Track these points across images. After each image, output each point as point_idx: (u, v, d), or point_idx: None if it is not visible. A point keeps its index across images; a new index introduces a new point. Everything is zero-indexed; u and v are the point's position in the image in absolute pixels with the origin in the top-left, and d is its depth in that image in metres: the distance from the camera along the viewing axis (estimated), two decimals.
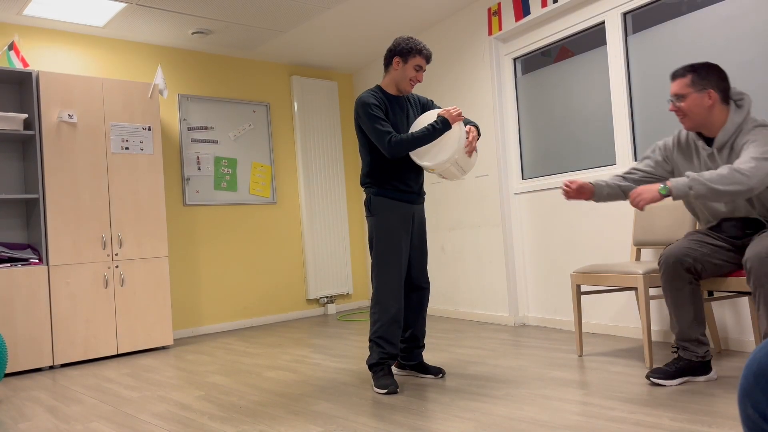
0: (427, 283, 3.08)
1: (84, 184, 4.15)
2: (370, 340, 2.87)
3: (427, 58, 2.92)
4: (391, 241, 2.85)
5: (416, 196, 2.96)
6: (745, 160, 2.36)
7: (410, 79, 2.91)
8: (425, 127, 2.79)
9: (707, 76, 2.53)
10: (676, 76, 2.60)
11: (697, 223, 3.10)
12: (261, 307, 5.48)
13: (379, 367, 2.85)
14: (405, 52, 2.88)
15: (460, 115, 2.82)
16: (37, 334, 3.90)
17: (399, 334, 2.87)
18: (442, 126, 2.80)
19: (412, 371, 3.08)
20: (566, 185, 2.75)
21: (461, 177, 2.92)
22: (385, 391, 2.74)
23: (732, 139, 2.52)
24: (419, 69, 2.91)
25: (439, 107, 3.12)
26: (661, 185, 2.40)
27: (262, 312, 5.48)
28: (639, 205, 2.43)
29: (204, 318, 5.14)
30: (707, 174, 2.35)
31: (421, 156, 2.86)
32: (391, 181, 2.89)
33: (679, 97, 2.57)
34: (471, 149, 2.84)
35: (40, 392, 3.28)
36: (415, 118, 3.02)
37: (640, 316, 3.43)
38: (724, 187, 2.32)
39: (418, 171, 2.98)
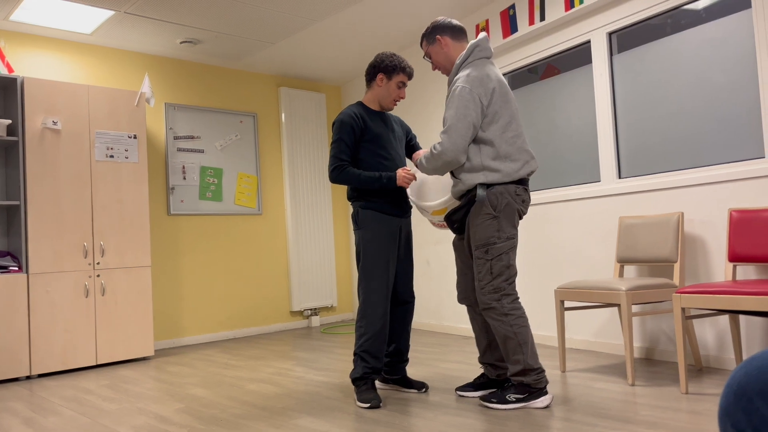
0: (413, 296, 3.08)
1: (67, 192, 4.11)
2: (355, 354, 2.86)
3: (410, 76, 2.97)
4: (378, 255, 2.85)
5: (403, 209, 2.97)
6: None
7: (394, 99, 2.96)
8: (373, 175, 2.83)
9: (432, 28, 2.78)
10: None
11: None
12: (244, 319, 5.44)
13: (362, 381, 2.83)
14: (389, 69, 2.91)
15: (409, 182, 2.85)
16: (15, 343, 3.83)
17: (384, 348, 2.86)
18: (386, 182, 2.83)
19: (395, 385, 3.07)
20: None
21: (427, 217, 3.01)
22: (368, 405, 2.73)
23: (450, 79, 2.74)
24: (402, 86, 2.95)
25: (414, 135, 3.22)
26: None
27: (245, 324, 5.44)
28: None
29: (186, 329, 5.09)
30: (429, 153, 2.68)
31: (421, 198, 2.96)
32: (378, 194, 2.90)
33: (426, 57, 2.85)
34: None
35: (17, 403, 3.22)
36: (400, 134, 3.06)
37: (622, 332, 3.45)
38: (427, 165, 2.68)
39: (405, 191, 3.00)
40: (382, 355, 2.85)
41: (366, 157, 2.91)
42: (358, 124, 2.89)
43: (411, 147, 3.20)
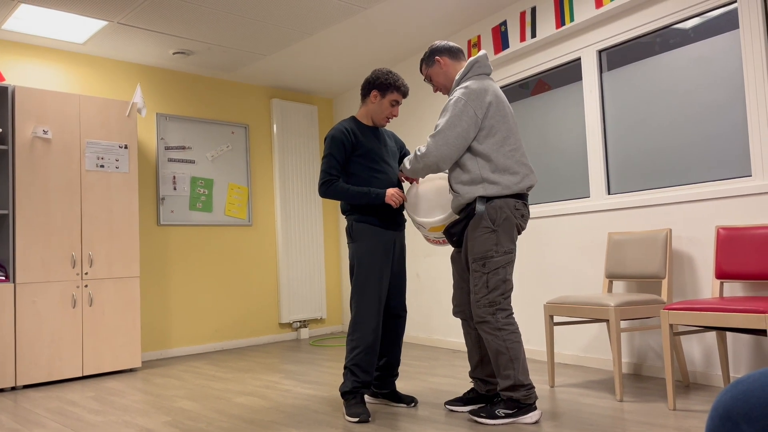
0: (405, 310, 3.08)
1: (56, 201, 4.08)
2: (346, 368, 2.85)
3: (405, 94, 2.98)
4: (372, 269, 2.85)
5: (397, 223, 2.98)
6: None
7: (386, 116, 2.97)
8: (362, 190, 2.84)
9: (430, 51, 2.85)
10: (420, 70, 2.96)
11: (666, 261, 3.16)
12: (232, 331, 5.41)
13: (351, 395, 2.82)
14: (384, 86, 2.92)
15: (398, 202, 2.85)
16: (0, 353, 3.79)
17: (375, 362, 2.85)
18: (374, 198, 2.84)
19: (384, 399, 3.06)
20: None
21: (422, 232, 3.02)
22: (356, 419, 2.71)
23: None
24: (396, 104, 2.96)
25: (408, 151, 3.24)
26: None
27: (233, 335, 5.40)
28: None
29: (174, 340, 5.05)
30: (413, 155, 2.77)
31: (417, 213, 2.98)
32: (378, 210, 2.90)
33: (426, 79, 2.92)
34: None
35: (1, 414, 3.17)
36: (393, 149, 3.07)
37: (611, 347, 3.47)
38: (410, 166, 2.77)
39: (402, 206, 3.00)
40: (372, 369, 2.84)
41: (358, 172, 2.91)
42: (349, 139, 2.89)
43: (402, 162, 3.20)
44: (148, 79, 5.11)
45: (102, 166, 4.30)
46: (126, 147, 4.42)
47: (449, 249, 4.83)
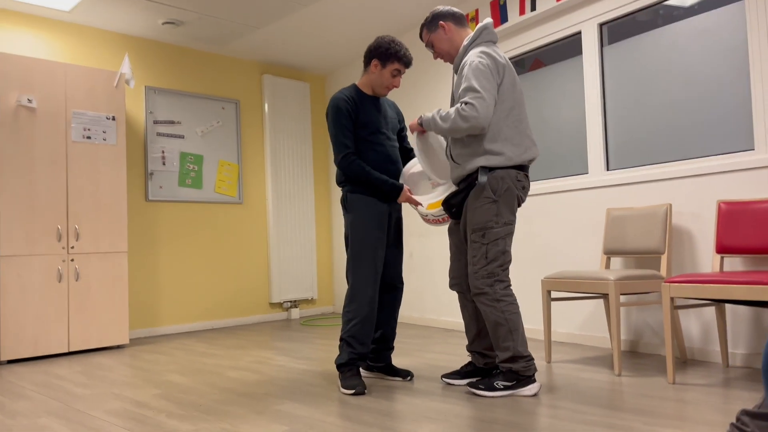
0: (401, 282, 3.02)
1: (41, 172, 3.96)
2: (342, 339, 2.79)
3: (407, 64, 2.87)
4: (367, 239, 2.79)
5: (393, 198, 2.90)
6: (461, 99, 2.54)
7: (387, 86, 2.87)
8: (381, 178, 2.77)
9: (433, 16, 2.74)
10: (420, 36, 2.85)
11: (665, 239, 3.12)
12: (222, 310, 5.32)
13: (347, 367, 2.77)
14: (385, 56, 2.82)
15: (404, 200, 2.83)
16: None
17: (371, 334, 2.80)
18: (389, 191, 2.79)
19: (379, 373, 3.00)
20: None
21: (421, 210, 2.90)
22: (352, 391, 2.66)
23: (458, 63, 2.70)
24: (397, 74, 2.86)
25: (405, 126, 3.15)
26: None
27: (222, 315, 5.32)
28: (411, 131, 2.78)
29: (162, 318, 4.96)
30: (443, 111, 2.58)
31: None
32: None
33: (428, 45, 2.80)
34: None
35: None
36: (393, 120, 2.98)
37: (608, 323, 3.44)
38: (447, 125, 2.54)
39: (395, 170, 2.93)
40: (368, 340, 2.79)
41: (358, 140, 2.84)
42: (352, 107, 2.82)
43: (400, 138, 3.12)
44: (136, 50, 4.97)
45: (89, 137, 4.18)
46: (114, 119, 4.30)
47: (442, 230, 4.78)
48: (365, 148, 2.84)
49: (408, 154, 3.13)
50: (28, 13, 4.42)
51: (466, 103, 2.48)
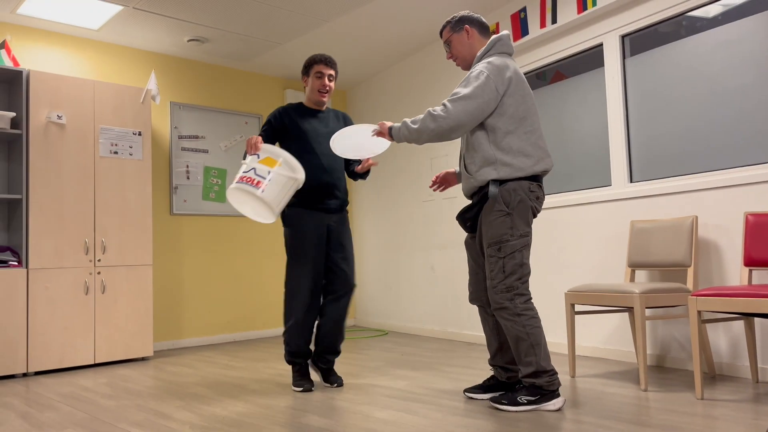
0: (346, 290, 3.13)
1: (69, 187, 4.05)
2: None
3: (326, 62, 3.09)
4: (297, 252, 3.01)
5: (328, 206, 3.08)
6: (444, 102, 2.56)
7: (317, 90, 3.09)
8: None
9: (461, 18, 2.75)
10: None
11: (692, 252, 3.08)
12: (244, 323, 5.36)
13: (292, 366, 3.11)
14: (306, 68, 3.13)
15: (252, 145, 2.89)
16: (13, 339, 3.76)
17: (301, 342, 3.03)
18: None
19: (319, 373, 3.20)
20: (433, 181, 2.96)
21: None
22: (300, 389, 3.01)
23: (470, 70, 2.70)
24: (321, 75, 3.08)
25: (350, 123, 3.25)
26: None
27: (244, 327, 5.35)
28: (380, 134, 2.70)
29: (185, 330, 5.00)
30: (417, 117, 2.57)
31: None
32: (304, 192, 3.03)
33: (446, 43, 2.79)
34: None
35: (13, 398, 3.14)
36: (337, 128, 3.14)
37: (633, 337, 3.38)
38: (416, 126, 2.55)
39: (328, 180, 3.05)
40: (301, 343, 3.04)
41: (292, 152, 3.06)
42: (279, 120, 3.08)
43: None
44: (162, 67, 5.07)
45: (116, 152, 4.27)
46: (140, 134, 4.39)
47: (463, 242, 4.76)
48: (298, 156, 3.05)
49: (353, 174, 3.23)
50: (58, 32, 4.54)
51: (443, 105, 2.54)
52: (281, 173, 2.78)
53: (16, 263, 3.85)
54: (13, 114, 3.93)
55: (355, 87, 6.16)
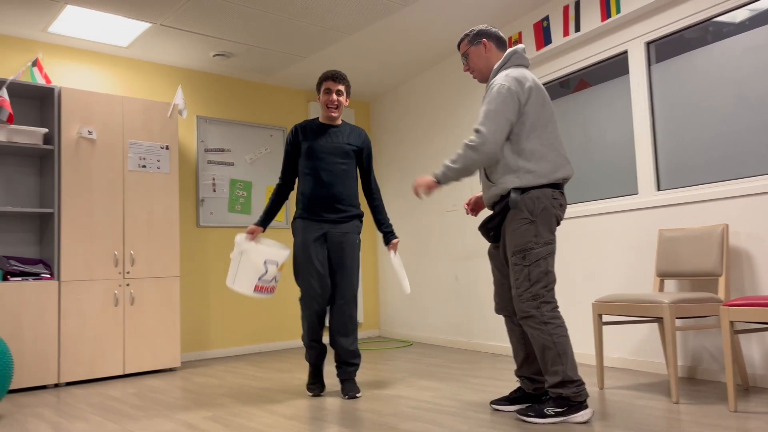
0: (342, 299, 3.20)
1: (99, 201, 4.14)
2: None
3: (333, 78, 3.23)
4: (301, 261, 3.17)
5: (327, 217, 3.20)
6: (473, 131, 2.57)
7: (326, 105, 3.23)
8: (261, 215, 3.32)
9: (479, 32, 2.76)
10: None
11: (723, 260, 3.02)
12: (270, 333, 5.39)
13: (310, 367, 3.32)
14: (317, 85, 3.30)
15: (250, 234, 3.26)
16: (44, 350, 3.83)
17: (315, 338, 3.22)
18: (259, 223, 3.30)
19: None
20: (465, 207, 2.96)
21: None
22: (310, 393, 3.25)
23: (489, 84, 2.70)
24: (329, 91, 3.23)
25: (369, 157, 3.39)
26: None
27: (270, 338, 5.38)
28: (416, 192, 2.64)
29: (212, 341, 5.05)
30: (452, 156, 2.59)
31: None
32: (305, 205, 3.21)
33: (463, 56, 2.81)
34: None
35: (44, 409, 3.19)
36: (341, 145, 3.23)
37: (664, 348, 3.32)
38: (460, 162, 2.54)
39: (326, 194, 3.18)
40: (313, 346, 3.24)
41: (300, 167, 3.27)
42: (289, 143, 3.28)
43: (364, 171, 3.39)
44: (188, 82, 5.16)
45: (144, 166, 4.35)
46: (167, 148, 4.46)
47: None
48: (302, 174, 3.25)
49: (371, 191, 3.41)
50: (88, 49, 4.66)
51: (475, 131, 2.55)
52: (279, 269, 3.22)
53: (48, 276, 3.94)
54: (46, 130, 4.03)
55: (378, 98, 6.20)
